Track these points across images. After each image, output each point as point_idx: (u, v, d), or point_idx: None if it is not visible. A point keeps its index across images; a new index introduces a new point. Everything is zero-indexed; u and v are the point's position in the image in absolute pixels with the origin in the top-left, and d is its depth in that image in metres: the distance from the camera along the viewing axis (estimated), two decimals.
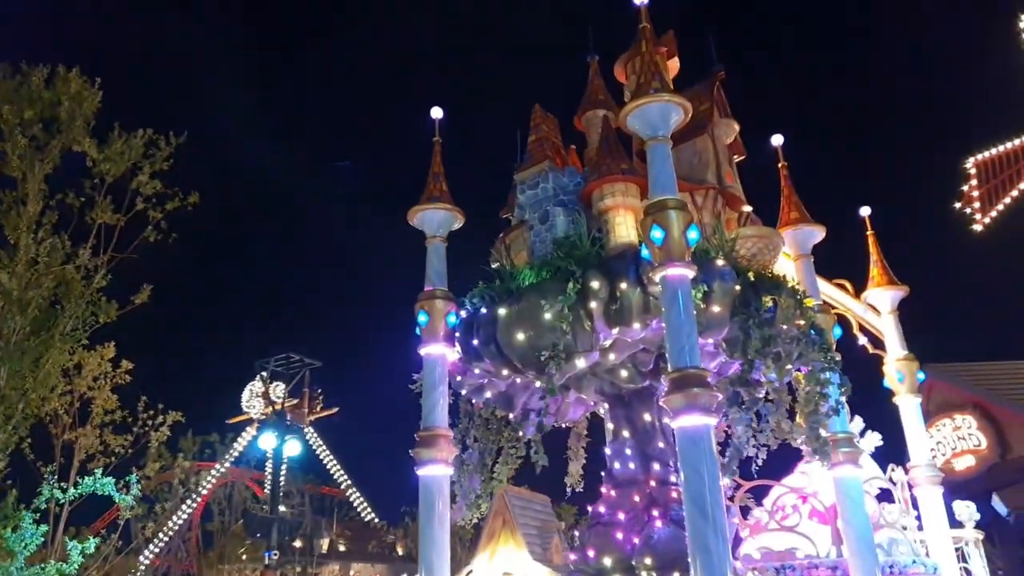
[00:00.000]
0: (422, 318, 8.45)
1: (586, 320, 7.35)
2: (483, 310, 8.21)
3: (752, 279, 7.54)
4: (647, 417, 8.44)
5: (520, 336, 7.71)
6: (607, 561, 7.77)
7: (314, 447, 44.37)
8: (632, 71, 10.01)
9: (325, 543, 40.92)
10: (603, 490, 8.38)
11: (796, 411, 7.71)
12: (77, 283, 12.13)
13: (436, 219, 8.87)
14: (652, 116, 7.20)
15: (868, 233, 11.72)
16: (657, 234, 6.73)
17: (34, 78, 12.07)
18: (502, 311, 7.87)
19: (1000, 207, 24.05)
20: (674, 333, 6.57)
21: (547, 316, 7.45)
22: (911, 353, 11.06)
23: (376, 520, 42.53)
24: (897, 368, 10.91)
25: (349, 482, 45.01)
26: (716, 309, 7.17)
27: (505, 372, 8.19)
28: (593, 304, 7.26)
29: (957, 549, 10.46)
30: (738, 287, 7.29)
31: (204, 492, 35.82)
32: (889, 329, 11.12)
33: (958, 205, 24.37)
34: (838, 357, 7.79)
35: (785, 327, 7.52)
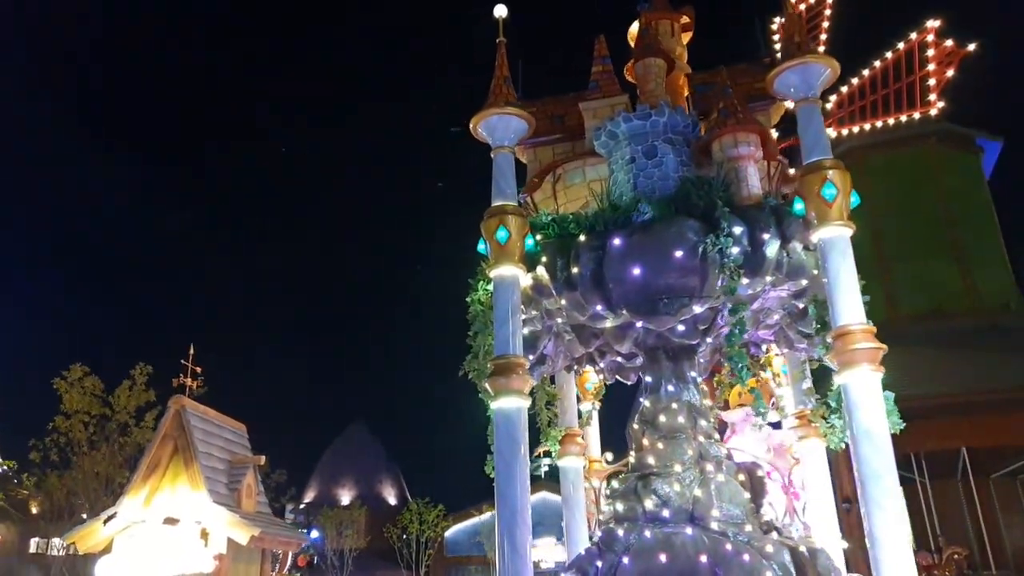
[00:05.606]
0: (501, 234, 7.48)
1: (721, 266, 7.13)
2: (581, 237, 7.52)
3: None
4: (692, 373, 8.43)
5: (636, 271, 7.22)
6: (666, 513, 7.58)
7: None
8: (666, 32, 10.04)
9: None
10: (645, 442, 8.14)
11: None
12: None
13: (510, 127, 7.96)
14: (811, 76, 7.29)
15: None
16: (831, 191, 6.83)
17: None
18: (616, 241, 7.29)
19: None
20: (840, 290, 6.70)
21: (678, 254, 7.09)
22: None
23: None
24: None
25: None
26: None
27: (599, 308, 7.58)
28: (735, 250, 7.07)
29: None
30: None
31: None
32: None
33: None
34: None
35: None
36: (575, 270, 7.42)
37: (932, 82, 11.18)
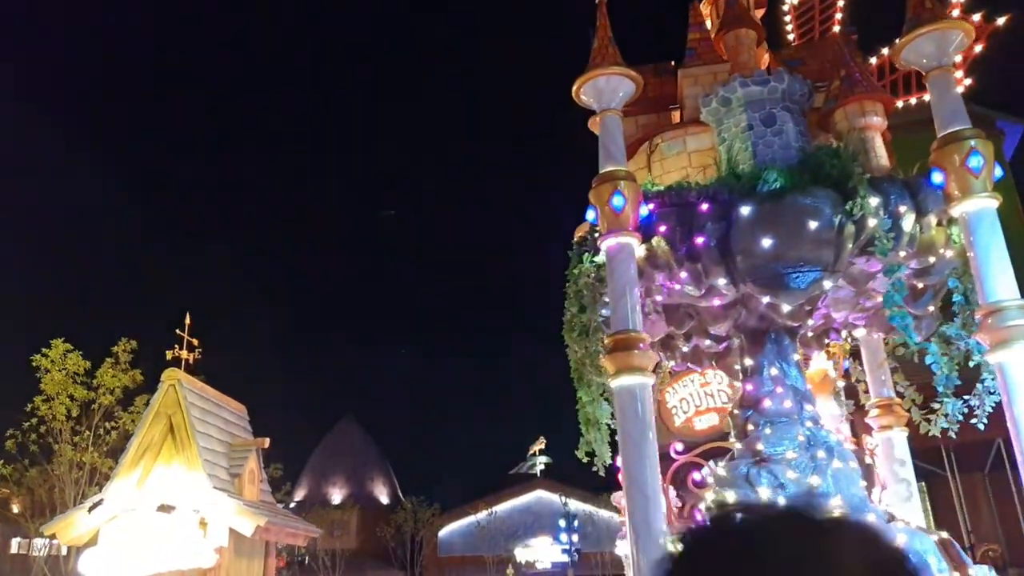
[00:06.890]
0: (616, 201, 6.99)
1: (856, 239, 6.74)
2: (704, 206, 7.06)
3: None
4: (795, 356, 8.03)
5: (766, 242, 6.78)
6: (783, 500, 7.14)
7: None
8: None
9: None
10: (750, 427, 7.71)
11: None
12: None
13: (619, 88, 7.49)
14: (946, 43, 6.97)
15: None
16: (976, 162, 6.50)
17: None
18: (744, 210, 6.85)
19: None
20: (992, 265, 6.37)
21: (813, 225, 6.68)
22: None
23: None
24: None
25: None
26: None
27: (721, 281, 7.12)
28: (872, 223, 6.68)
29: None
30: None
31: None
32: None
33: None
34: None
35: None
36: (699, 240, 6.95)
37: (958, 58, 10.96)
